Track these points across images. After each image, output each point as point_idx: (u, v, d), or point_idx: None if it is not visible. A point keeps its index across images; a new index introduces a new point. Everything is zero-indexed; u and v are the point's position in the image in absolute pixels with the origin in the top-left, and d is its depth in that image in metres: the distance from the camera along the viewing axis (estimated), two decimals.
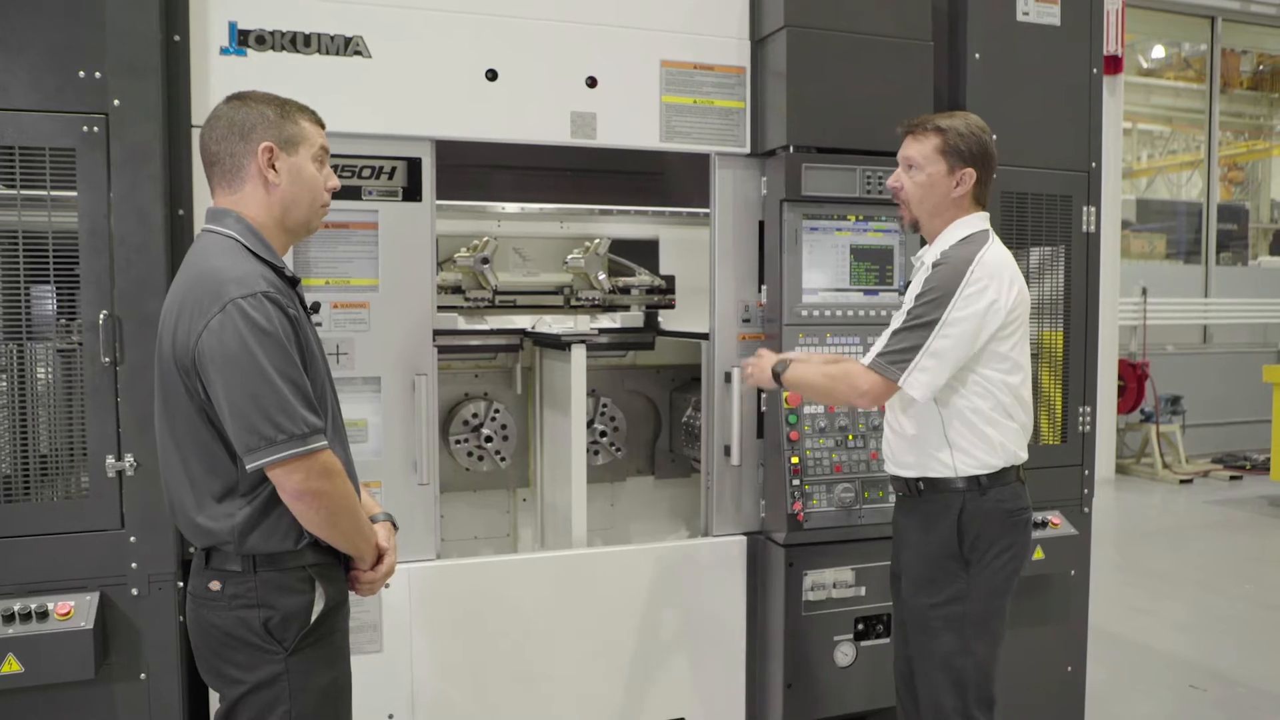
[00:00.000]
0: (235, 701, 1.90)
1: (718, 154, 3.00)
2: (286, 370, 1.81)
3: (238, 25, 2.55)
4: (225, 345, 1.77)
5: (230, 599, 1.88)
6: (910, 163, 2.49)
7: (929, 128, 2.47)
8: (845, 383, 2.40)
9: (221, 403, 1.79)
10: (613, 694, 2.99)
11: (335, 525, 1.90)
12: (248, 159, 1.94)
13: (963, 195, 2.46)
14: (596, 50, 2.85)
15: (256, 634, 1.88)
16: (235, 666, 1.89)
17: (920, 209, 2.50)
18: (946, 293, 2.32)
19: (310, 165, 1.99)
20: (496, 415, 3.40)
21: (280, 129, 1.95)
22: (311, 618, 1.90)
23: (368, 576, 2.04)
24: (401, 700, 2.78)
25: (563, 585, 2.93)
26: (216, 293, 1.79)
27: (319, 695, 1.93)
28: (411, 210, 2.74)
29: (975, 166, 2.45)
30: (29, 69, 2.34)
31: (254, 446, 1.78)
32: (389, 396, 2.74)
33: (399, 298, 2.74)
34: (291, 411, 1.79)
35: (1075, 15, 3.29)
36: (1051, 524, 3.28)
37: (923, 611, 2.46)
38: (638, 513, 3.69)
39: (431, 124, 2.73)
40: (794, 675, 3.01)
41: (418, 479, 2.76)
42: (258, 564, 1.88)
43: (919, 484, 2.46)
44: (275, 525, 1.87)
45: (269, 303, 1.81)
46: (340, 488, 1.89)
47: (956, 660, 2.41)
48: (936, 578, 2.43)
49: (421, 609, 2.78)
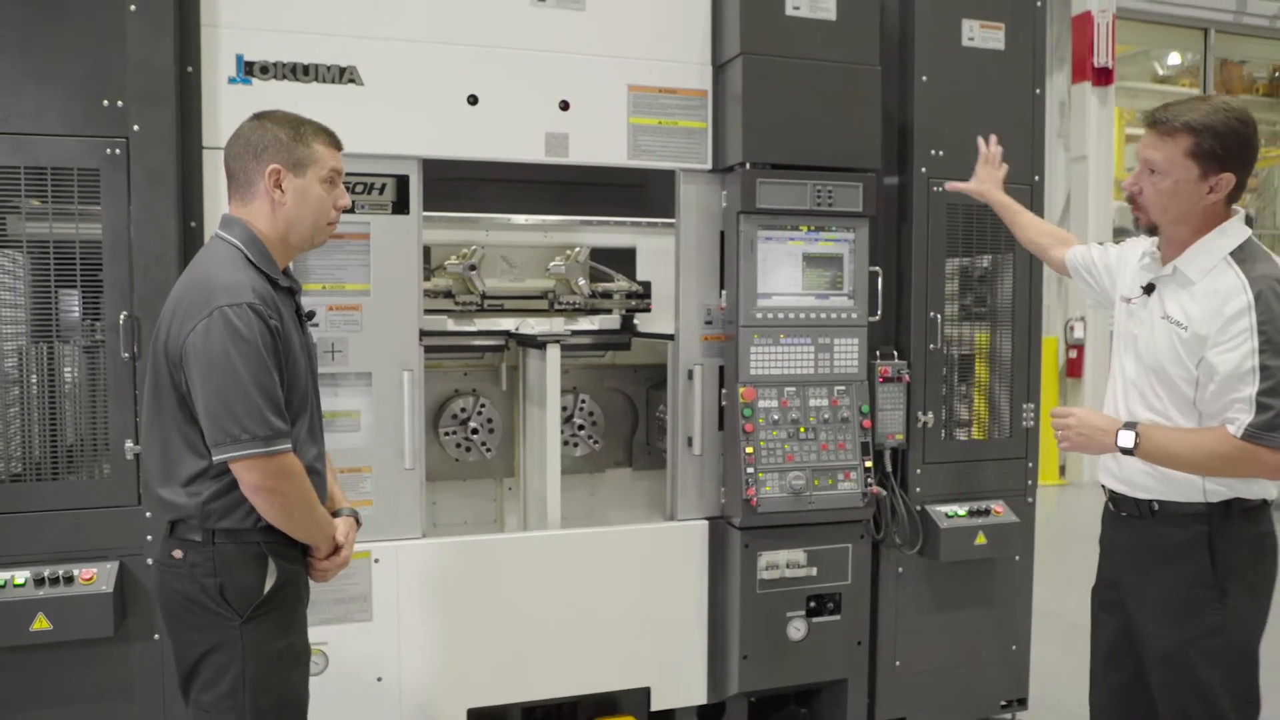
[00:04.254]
0: (195, 661, 2.10)
1: (682, 170, 3.28)
2: (259, 377, 2.01)
3: (244, 57, 2.86)
4: (208, 347, 1.98)
5: (191, 567, 2.07)
6: (1153, 166, 2.20)
7: (1178, 125, 2.15)
8: (1251, 462, 2.11)
9: (198, 398, 2.00)
10: (584, 663, 3.26)
11: (289, 518, 2.10)
12: (258, 177, 2.14)
13: (1217, 202, 2.19)
14: (569, 76, 3.13)
15: (214, 600, 2.07)
16: (195, 629, 2.09)
17: (1163, 217, 2.24)
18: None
19: (317, 187, 2.18)
20: (483, 410, 3.68)
21: (290, 152, 2.14)
22: (264, 590, 2.09)
23: (320, 565, 2.24)
24: (389, 664, 3.06)
25: (538, 563, 3.21)
26: (208, 298, 2.01)
27: (272, 660, 2.11)
28: (400, 222, 3.04)
29: (1234, 169, 2.16)
30: (60, 99, 2.65)
31: (221, 441, 1.99)
32: (379, 390, 3.03)
33: (388, 301, 3.03)
34: (258, 415, 1.99)
35: (1019, 40, 3.56)
36: (994, 512, 3.52)
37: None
38: (616, 502, 3.96)
39: (418, 144, 3.02)
40: (749, 648, 3.28)
41: (404, 465, 3.05)
42: (216, 537, 2.07)
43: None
44: (236, 506, 2.07)
45: (252, 313, 2.01)
46: (296, 487, 2.08)
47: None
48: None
49: (408, 582, 3.07)
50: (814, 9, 3.19)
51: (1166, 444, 2.19)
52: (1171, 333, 2.23)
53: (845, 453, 3.28)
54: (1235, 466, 2.14)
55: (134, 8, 2.68)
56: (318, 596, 2.96)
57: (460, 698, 3.13)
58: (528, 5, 3.08)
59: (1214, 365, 2.15)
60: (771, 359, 3.24)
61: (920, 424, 3.47)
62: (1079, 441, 2.29)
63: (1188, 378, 2.21)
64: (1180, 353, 2.21)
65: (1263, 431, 2.08)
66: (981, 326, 3.62)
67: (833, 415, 3.28)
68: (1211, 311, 2.16)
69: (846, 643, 3.38)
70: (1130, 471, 2.33)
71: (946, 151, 3.43)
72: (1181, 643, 2.26)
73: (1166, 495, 2.27)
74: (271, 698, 2.12)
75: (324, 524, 2.21)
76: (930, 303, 3.46)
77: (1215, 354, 2.15)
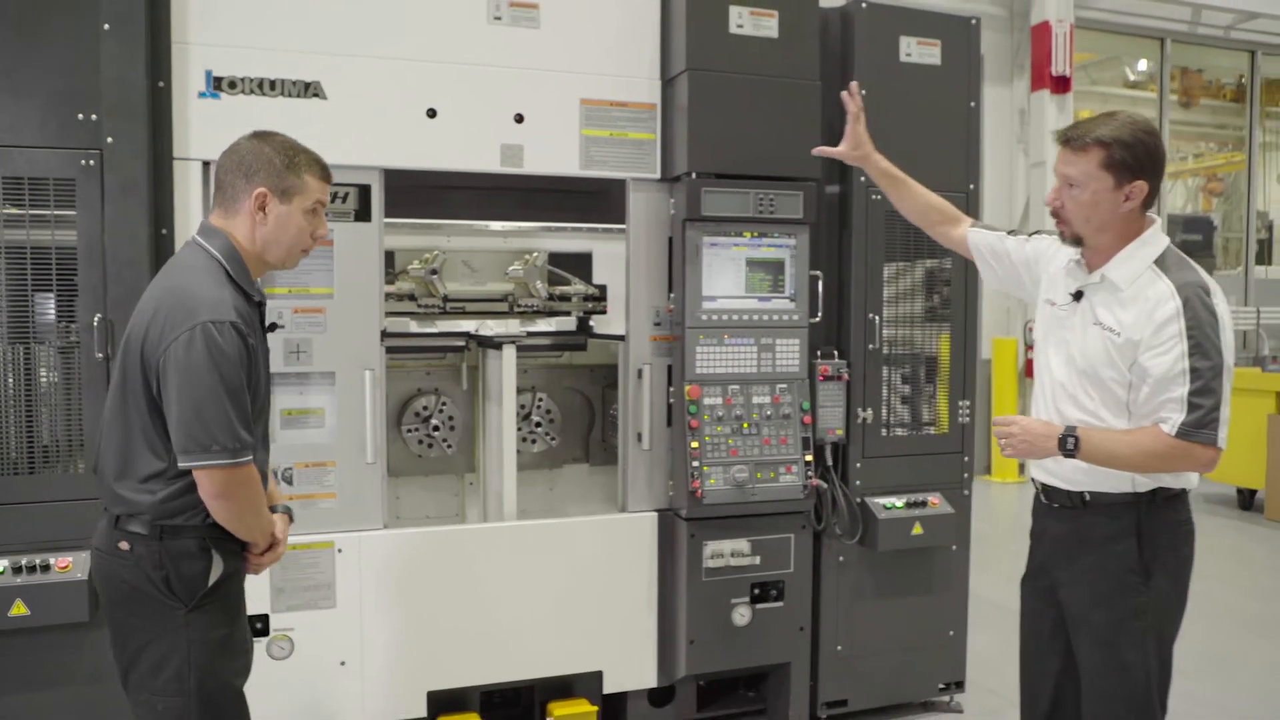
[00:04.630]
0: (139, 649, 2.18)
1: (632, 179, 3.46)
2: (235, 392, 2.10)
3: (213, 73, 3.01)
4: (189, 358, 2.06)
5: (138, 559, 2.15)
6: (1070, 181, 2.35)
7: (1090, 140, 2.30)
8: (1184, 458, 2.27)
9: (172, 405, 2.08)
10: (539, 647, 3.43)
11: (240, 522, 2.21)
12: (245, 196, 2.22)
13: (1133, 209, 2.35)
14: (523, 90, 3.30)
15: (160, 591, 2.15)
16: (139, 618, 2.17)
17: (1086, 227, 2.38)
18: (1212, 335, 2.26)
19: (299, 216, 2.25)
20: (444, 408, 3.85)
21: (281, 179, 2.22)
22: (209, 582, 2.19)
23: (256, 560, 2.33)
24: (353, 649, 3.22)
25: (495, 553, 3.38)
26: (192, 311, 2.08)
27: (214, 647, 2.21)
28: (363, 229, 3.20)
29: (1145, 177, 2.31)
30: (37, 112, 2.80)
31: (191, 449, 2.08)
32: (342, 388, 3.19)
33: (351, 304, 3.19)
34: (229, 428, 2.08)
35: (954, 57, 3.75)
36: (931, 504, 3.72)
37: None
38: (574, 496, 4.13)
39: (380, 155, 3.18)
40: (696, 633, 3.46)
41: (366, 459, 3.21)
42: (164, 532, 2.15)
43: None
44: (188, 507, 2.16)
45: (234, 331, 2.10)
46: (252, 495, 2.19)
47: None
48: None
49: (370, 571, 3.23)
50: (757, 28, 3.38)
51: (1105, 445, 2.31)
52: (1105, 338, 2.37)
53: (787, 447, 3.47)
54: (1170, 463, 2.29)
55: (108, 26, 2.84)
56: (283, 585, 3.15)
57: (420, 681, 3.30)
58: (484, 24, 3.26)
59: (1147, 369, 2.29)
60: (716, 358, 3.42)
61: (860, 420, 3.66)
62: (1022, 449, 2.39)
63: (1121, 380, 2.36)
64: (1114, 357, 2.35)
65: (1194, 429, 2.23)
66: (920, 327, 3.80)
67: (775, 412, 3.47)
68: (1143, 318, 2.30)
69: (789, 628, 3.57)
70: (1065, 468, 2.44)
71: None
72: (1110, 625, 2.40)
73: (1097, 486, 2.41)
74: (214, 683, 2.22)
75: (266, 524, 2.31)
76: (869, 305, 3.66)
77: (1148, 358, 2.29)
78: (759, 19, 3.37)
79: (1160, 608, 2.39)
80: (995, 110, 9.27)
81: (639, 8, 3.42)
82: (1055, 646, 2.56)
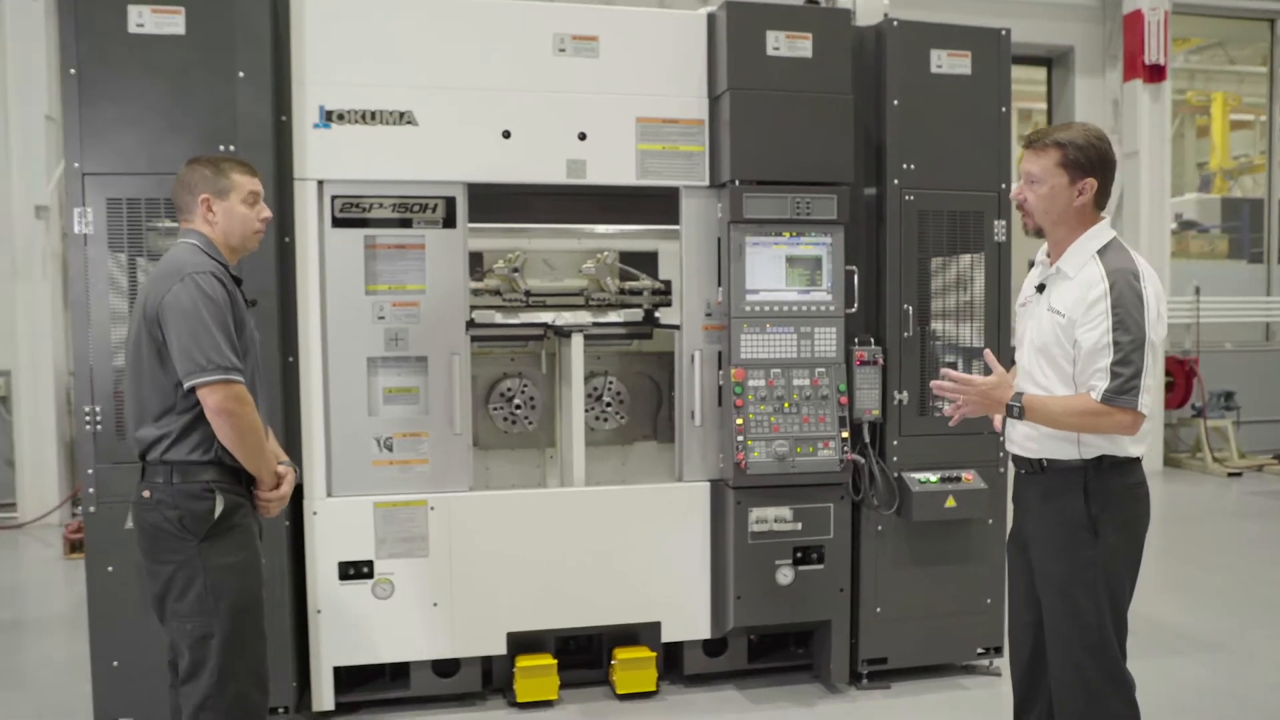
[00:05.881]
0: (169, 578, 2.66)
1: (684, 187, 3.91)
2: (222, 323, 2.60)
3: (324, 107, 3.61)
4: (180, 301, 2.58)
5: (156, 503, 2.64)
6: (1032, 178, 2.67)
7: (1048, 142, 2.65)
8: (1109, 420, 2.56)
9: (173, 340, 2.57)
10: (605, 599, 3.92)
11: (242, 441, 2.64)
12: (195, 205, 2.76)
13: (1085, 204, 2.66)
14: (586, 111, 3.79)
15: (175, 528, 2.63)
16: (165, 551, 2.65)
17: (1045, 219, 2.69)
18: (1135, 313, 2.55)
19: (240, 207, 2.78)
20: (526, 389, 4.38)
21: (215, 184, 2.76)
22: (214, 516, 2.65)
23: (264, 496, 2.79)
24: (443, 592, 3.78)
25: (566, 514, 3.89)
26: (179, 269, 2.63)
27: (228, 570, 2.68)
28: (449, 235, 3.75)
29: (1095, 176, 2.64)
30: (189, 146, 3.41)
31: (191, 371, 2.56)
32: (433, 370, 3.75)
33: (440, 298, 3.74)
34: (219, 351, 2.57)
35: (985, 66, 4.04)
36: (965, 479, 4.03)
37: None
38: (644, 469, 4.59)
39: (462, 171, 3.73)
40: (742, 589, 3.88)
41: (454, 430, 3.76)
42: (173, 476, 2.64)
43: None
44: (191, 438, 2.64)
45: (214, 278, 2.63)
46: (248, 413, 2.64)
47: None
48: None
49: (457, 526, 3.78)
50: (792, 49, 3.78)
51: (1043, 408, 2.65)
52: (1053, 320, 2.72)
53: (824, 425, 3.86)
54: (1096, 423, 2.60)
55: (242, 75, 3.46)
56: (384, 536, 3.72)
57: (500, 622, 3.83)
58: (551, 56, 3.76)
59: (1080, 342, 2.62)
60: (759, 345, 3.84)
61: (897, 401, 4.01)
62: (973, 406, 2.75)
63: (1067, 356, 2.70)
64: (1060, 336, 2.70)
65: (1115, 395, 2.55)
66: (955, 317, 4.11)
67: (813, 393, 3.86)
68: (1079, 298, 2.63)
69: (829, 589, 3.96)
70: (1020, 438, 2.80)
71: (916, 165, 3.96)
72: (1064, 575, 2.70)
73: (1050, 454, 2.73)
74: (231, 599, 2.68)
75: (269, 459, 2.77)
76: (904, 296, 4.00)
77: (1080, 333, 2.62)
78: (794, 41, 3.77)
79: (1109, 560, 2.67)
80: (1088, 101, 9.30)
81: (688, 35, 3.87)
82: (1030, 600, 2.86)
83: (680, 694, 4.02)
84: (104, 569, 3.45)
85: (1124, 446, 2.70)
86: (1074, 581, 2.70)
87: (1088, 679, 2.71)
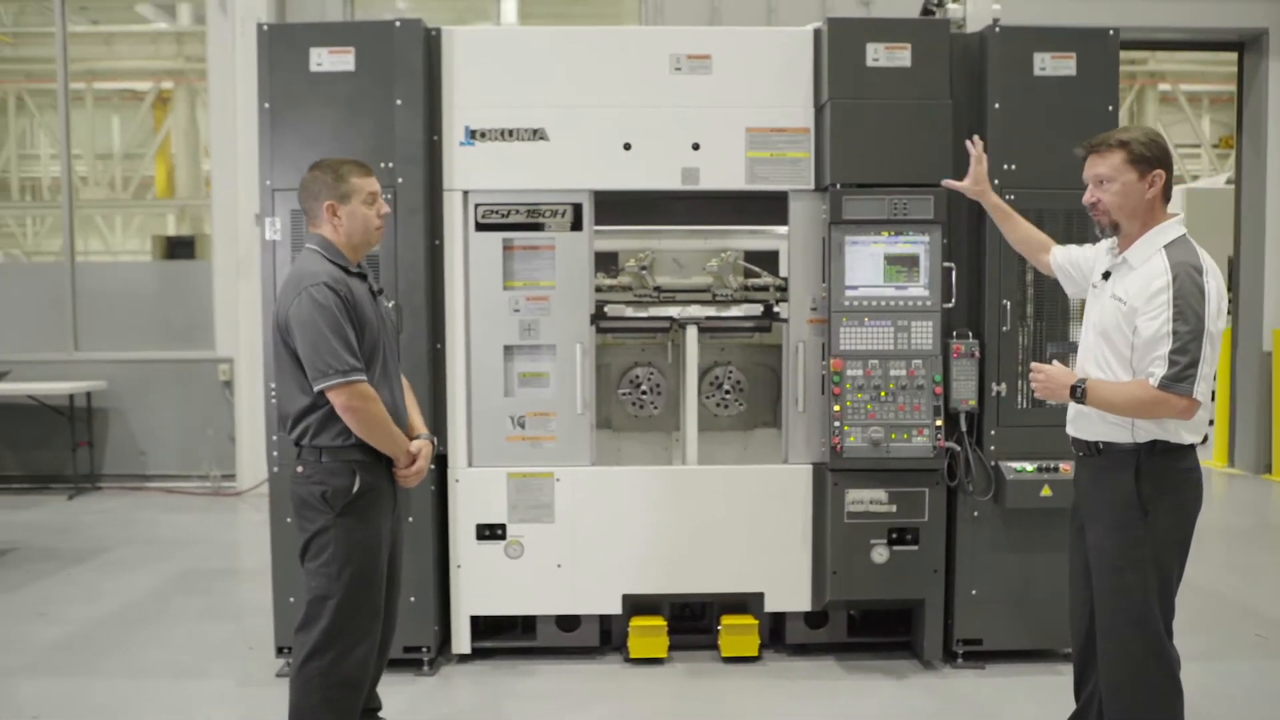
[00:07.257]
0: (308, 540, 2.98)
1: (791, 190, 4.22)
2: (338, 330, 2.84)
3: (470, 126, 4.16)
4: (300, 314, 2.86)
5: (305, 478, 2.96)
6: (1101, 178, 2.86)
7: (1112, 143, 2.85)
8: (1165, 405, 2.73)
9: (301, 350, 2.87)
10: (713, 569, 4.29)
11: (370, 432, 2.93)
12: (320, 210, 3.02)
13: (1155, 196, 2.85)
14: (699, 123, 4.18)
15: (318, 500, 2.93)
16: (307, 520, 2.98)
17: (1120, 215, 2.87)
18: (1196, 305, 2.71)
19: (361, 208, 3.01)
20: (653, 377, 4.80)
21: (336, 189, 2.99)
22: (352, 493, 2.94)
23: (401, 473, 3.07)
24: (566, 555, 4.26)
25: (679, 490, 4.29)
26: (298, 283, 2.90)
27: (355, 544, 2.96)
28: (576, 237, 4.23)
29: (1162, 167, 2.83)
30: None
31: (317, 377, 2.85)
32: (561, 356, 4.24)
33: (568, 293, 4.22)
34: (337, 356, 2.83)
35: (1090, 66, 4.13)
36: (1063, 470, 4.13)
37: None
38: (763, 454, 4.90)
39: (588, 180, 4.19)
40: (839, 566, 4.16)
41: (577, 411, 4.23)
42: (321, 456, 2.94)
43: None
44: (333, 427, 2.93)
45: (326, 288, 2.86)
46: (370, 408, 2.89)
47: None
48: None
49: (580, 497, 4.25)
50: (891, 59, 4.02)
51: (1104, 393, 2.84)
52: (1116, 307, 2.91)
53: (919, 413, 4.08)
54: (1153, 409, 2.77)
55: (399, 101, 4.06)
56: (516, 503, 4.23)
57: (617, 585, 4.28)
58: (667, 74, 4.17)
59: (1140, 330, 2.80)
60: (858, 337, 4.10)
61: (994, 393, 4.17)
62: (1043, 391, 2.99)
63: (1126, 341, 2.88)
64: (1121, 323, 2.88)
65: (1172, 382, 2.72)
66: (1053, 312, 4.21)
67: (909, 383, 4.09)
68: (1142, 288, 2.81)
69: (924, 569, 4.17)
70: (1080, 421, 2.99)
71: (1018, 165, 4.10)
72: (1114, 552, 2.89)
73: (1106, 437, 2.91)
74: (353, 568, 2.97)
75: (399, 440, 3.03)
76: (1004, 291, 4.15)
77: (1141, 321, 2.80)
78: (893, 52, 4.01)
79: (1158, 540, 2.84)
80: None
81: (795, 49, 4.18)
82: (1087, 578, 3.04)
83: (781, 661, 4.34)
84: (283, 520, 4.11)
85: (1177, 433, 2.85)
86: (1122, 557, 2.88)
87: (1132, 651, 2.87)
